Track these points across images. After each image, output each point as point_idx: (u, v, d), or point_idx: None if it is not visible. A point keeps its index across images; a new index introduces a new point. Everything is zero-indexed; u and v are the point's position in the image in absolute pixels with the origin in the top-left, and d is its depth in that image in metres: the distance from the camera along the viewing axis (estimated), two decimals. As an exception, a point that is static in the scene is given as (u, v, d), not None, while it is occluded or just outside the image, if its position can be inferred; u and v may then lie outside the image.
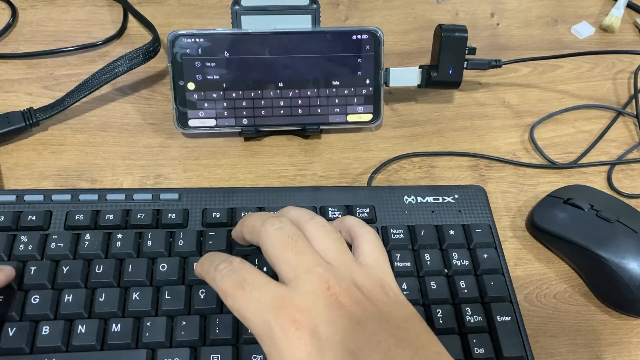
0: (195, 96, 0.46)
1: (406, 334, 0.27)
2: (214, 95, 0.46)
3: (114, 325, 0.34)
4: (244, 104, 0.46)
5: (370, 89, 0.47)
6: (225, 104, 0.46)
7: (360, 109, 0.48)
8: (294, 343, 0.26)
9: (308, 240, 0.30)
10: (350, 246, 0.32)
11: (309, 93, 0.47)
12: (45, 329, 0.33)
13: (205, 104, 0.46)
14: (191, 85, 0.45)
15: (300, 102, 0.47)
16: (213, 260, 0.30)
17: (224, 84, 0.46)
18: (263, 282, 0.28)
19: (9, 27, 0.55)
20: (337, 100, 0.47)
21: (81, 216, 0.38)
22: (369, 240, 0.32)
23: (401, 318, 0.28)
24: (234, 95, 0.46)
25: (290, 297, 0.27)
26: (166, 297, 0.35)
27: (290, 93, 0.46)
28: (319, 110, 0.47)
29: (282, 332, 0.26)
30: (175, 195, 0.40)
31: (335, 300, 0.27)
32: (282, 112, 0.47)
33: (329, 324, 0.26)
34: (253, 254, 0.37)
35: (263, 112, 0.46)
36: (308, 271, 0.28)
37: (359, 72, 0.47)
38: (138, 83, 0.52)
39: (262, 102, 0.46)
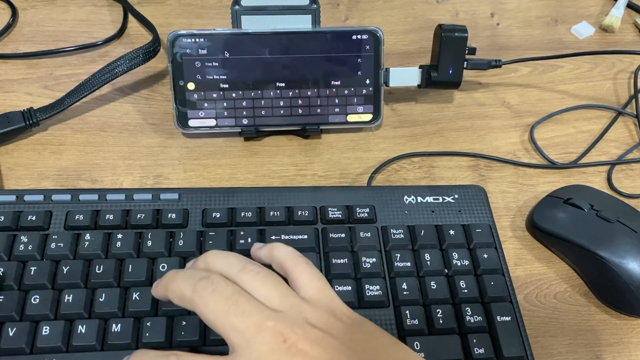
0: (195, 96, 0.46)
1: (374, 355, 0.27)
2: (214, 95, 0.46)
3: (114, 325, 0.34)
4: (244, 104, 0.46)
5: (370, 89, 0.47)
6: (225, 104, 0.46)
7: (360, 109, 0.48)
8: None
9: (247, 292, 0.28)
10: (285, 279, 0.31)
11: (309, 93, 0.47)
12: (45, 329, 0.33)
13: (205, 104, 0.46)
14: (191, 85, 0.45)
15: (300, 102, 0.47)
16: None
17: (224, 84, 0.46)
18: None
19: (9, 27, 0.55)
20: (337, 100, 0.47)
21: (81, 216, 0.38)
22: (305, 271, 0.30)
23: (364, 339, 0.28)
24: (234, 95, 0.46)
25: None
26: (166, 297, 0.35)
27: (290, 93, 0.46)
28: (319, 110, 0.47)
29: None
30: (175, 195, 0.40)
31: (295, 350, 0.26)
32: (282, 112, 0.47)
33: None
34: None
35: (263, 112, 0.46)
36: (259, 330, 0.26)
37: (359, 72, 0.47)
38: (138, 83, 0.52)
39: (262, 102, 0.46)
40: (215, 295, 0.27)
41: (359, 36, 0.46)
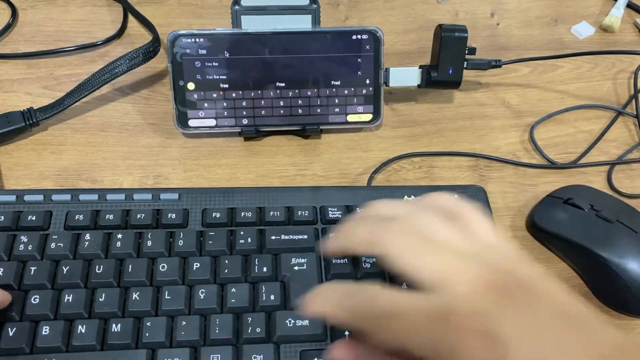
0: (195, 96, 0.46)
1: (570, 308, 0.25)
2: (214, 95, 0.46)
3: (114, 325, 0.34)
4: (244, 104, 0.46)
5: (370, 89, 0.47)
6: (225, 104, 0.46)
7: (360, 109, 0.48)
8: (480, 354, 0.23)
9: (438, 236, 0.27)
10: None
11: (309, 93, 0.47)
12: (45, 329, 0.33)
13: (205, 104, 0.46)
14: (191, 85, 0.45)
15: (300, 102, 0.47)
16: (338, 293, 0.27)
17: (224, 84, 0.46)
18: (409, 303, 0.25)
19: (9, 27, 0.55)
20: (337, 100, 0.47)
21: (81, 216, 0.38)
22: (478, 219, 0.29)
23: (554, 290, 0.26)
24: (233, 95, 0.46)
25: (453, 306, 0.24)
26: (166, 297, 0.35)
27: (290, 93, 0.46)
28: (319, 110, 0.47)
29: (462, 348, 0.23)
30: (175, 195, 0.40)
31: (501, 293, 0.24)
32: (282, 112, 0.47)
33: (508, 322, 0.23)
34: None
35: (263, 112, 0.46)
36: (457, 271, 0.25)
37: (359, 72, 0.47)
38: (138, 83, 0.52)
39: (262, 102, 0.46)
40: (407, 236, 0.26)
41: (358, 36, 0.46)
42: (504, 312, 0.24)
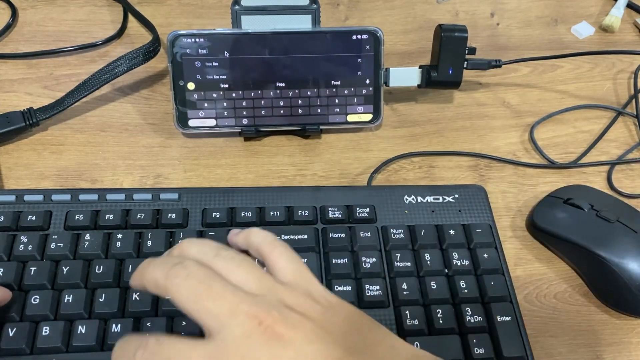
0: (195, 96, 0.46)
1: (355, 337, 0.26)
2: (214, 95, 0.46)
3: (114, 325, 0.34)
4: (244, 104, 0.46)
5: (370, 89, 0.47)
6: (225, 104, 0.46)
7: (360, 109, 0.48)
8: None
9: (221, 277, 0.27)
10: (262, 264, 0.30)
11: (309, 93, 0.47)
12: (45, 329, 0.33)
13: (205, 104, 0.46)
14: (191, 85, 0.45)
15: (300, 102, 0.47)
16: (128, 349, 0.27)
17: (224, 84, 0.46)
18: (188, 349, 0.25)
19: (9, 27, 0.55)
20: (337, 100, 0.47)
21: (81, 216, 0.38)
22: (281, 254, 0.30)
23: (342, 322, 0.27)
24: (234, 95, 0.46)
25: (223, 351, 0.25)
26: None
27: (290, 93, 0.46)
28: (319, 110, 0.47)
29: None
30: (175, 195, 0.40)
31: (272, 333, 0.25)
32: (282, 112, 0.47)
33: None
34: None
35: (263, 112, 0.46)
36: (233, 314, 0.26)
37: (359, 72, 0.47)
38: (138, 83, 0.52)
39: (262, 102, 0.46)
40: (189, 280, 0.27)
41: (359, 36, 0.46)
42: (271, 352, 0.24)
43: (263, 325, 0.25)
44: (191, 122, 0.46)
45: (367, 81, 0.47)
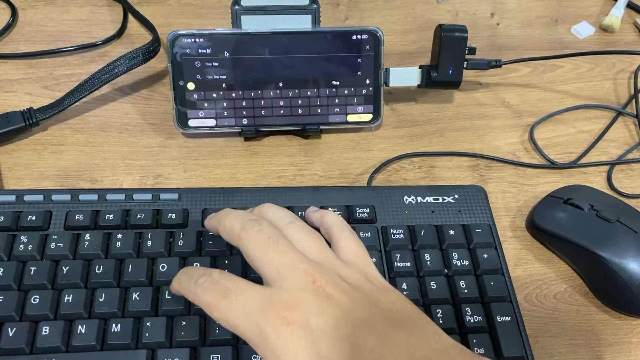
0: (195, 96, 0.46)
1: (398, 315, 0.28)
2: (214, 95, 0.46)
3: (114, 325, 0.34)
4: (244, 104, 0.46)
5: (370, 89, 0.47)
6: (225, 104, 0.46)
7: (360, 109, 0.48)
8: (287, 340, 0.26)
9: (289, 240, 0.30)
10: (329, 244, 0.33)
11: (309, 93, 0.47)
12: (45, 329, 0.33)
13: (205, 104, 0.46)
14: (191, 85, 0.45)
15: (300, 102, 0.47)
16: (191, 275, 0.30)
17: (224, 84, 0.46)
18: (247, 287, 0.28)
19: (9, 27, 0.55)
20: (337, 100, 0.47)
21: (81, 216, 0.38)
22: (347, 237, 0.33)
23: (390, 302, 0.29)
24: (233, 95, 0.46)
25: (277, 295, 0.27)
26: (166, 297, 0.35)
27: (290, 93, 0.46)
28: (319, 110, 0.47)
29: (274, 331, 0.26)
30: (175, 195, 0.40)
31: (322, 292, 0.27)
32: (282, 112, 0.47)
33: (319, 315, 0.26)
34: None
35: (263, 112, 0.46)
36: (292, 268, 0.28)
37: (359, 72, 0.47)
38: (138, 83, 0.52)
39: (262, 102, 0.46)
40: (260, 234, 0.29)
41: (358, 36, 0.46)
42: (319, 305, 0.27)
43: (316, 284, 0.28)
44: (191, 122, 0.46)
45: (367, 81, 0.47)
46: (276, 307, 0.27)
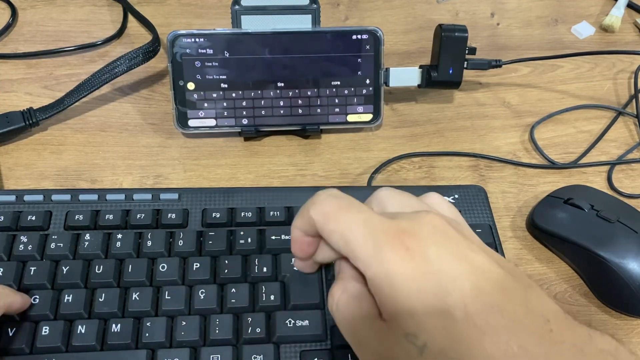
0: (195, 96, 0.46)
1: (515, 272, 0.27)
2: (214, 95, 0.46)
3: (114, 325, 0.34)
4: (244, 104, 0.46)
5: (370, 89, 0.47)
6: (225, 104, 0.46)
7: (360, 109, 0.48)
8: (405, 263, 0.25)
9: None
10: None
11: (309, 93, 0.47)
12: (45, 329, 0.33)
13: (205, 104, 0.46)
14: (191, 85, 0.45)
15: (300, 102, 0.47)
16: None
17: (224, 84, 0.46)
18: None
19: (9, 27, 0.55)
20: (337, 100, 0.47)
21: (81, 216, 0.38)
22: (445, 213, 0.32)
23: (505, 260, 0.28)
24: (233, 95, 0.46)
25: (398, 223, 0.27)
26: (166, 297, 0.35)
27: (290, 93, 0.46)
28: (319, 110, 0.47)
29: (394, 252, 0.26)
30: (175, 195, 0.40)
31: (444, 231, 0.27)
32: (282, 112, 0.47)
33: (439, 247, 0.26)
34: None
35: (263, 112, 0.46)
36: (411, 207, 0.28)
37: (359, 72, 0.47)
38: (138, 83, 0.52)
39: (262, 102, 0.46)
40: (363, 214, 0.28)
41: (359, 36, 0.46)
42: (439, 240, 0.26)
43: (439, 226, 0.27)
44: (191, 122, 0.46)
45: (367, 81, 0.47)
46: (397, 232, 0.26)
